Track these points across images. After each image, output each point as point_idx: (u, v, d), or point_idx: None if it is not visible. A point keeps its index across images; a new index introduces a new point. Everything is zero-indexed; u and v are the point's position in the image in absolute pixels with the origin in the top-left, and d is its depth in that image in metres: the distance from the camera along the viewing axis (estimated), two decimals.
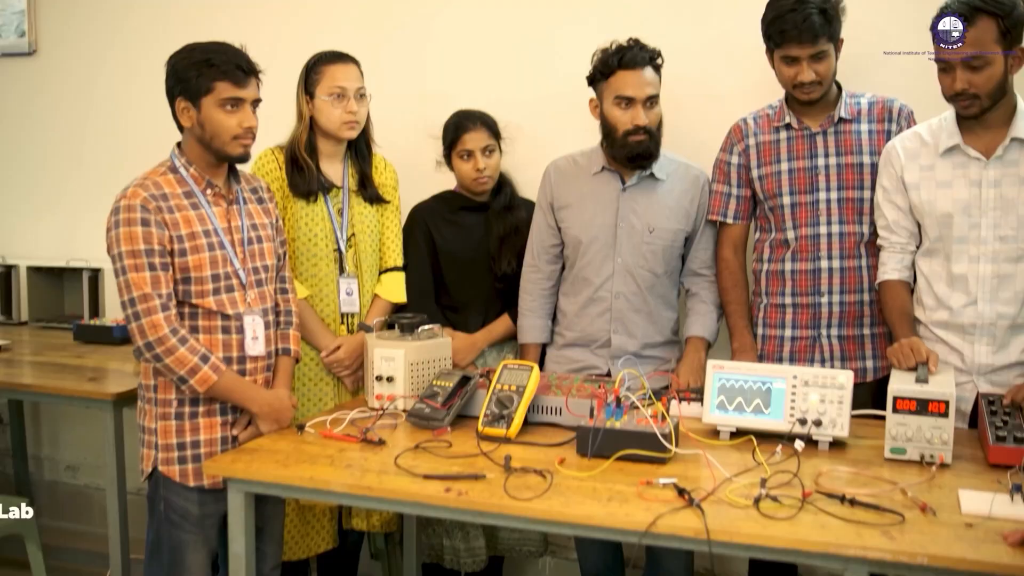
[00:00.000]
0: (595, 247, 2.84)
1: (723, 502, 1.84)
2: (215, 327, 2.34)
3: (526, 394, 2.30)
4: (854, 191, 2.65)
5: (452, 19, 3.50)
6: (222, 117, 2.29)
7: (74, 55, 4.20)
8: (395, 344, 2.54)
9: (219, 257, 2.33)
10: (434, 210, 3.08)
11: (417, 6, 3.54)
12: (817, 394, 2.20)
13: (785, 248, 2.73)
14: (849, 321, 2.68)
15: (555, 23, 3.34)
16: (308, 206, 2.81)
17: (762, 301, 2.80)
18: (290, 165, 2.81)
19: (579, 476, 1.99)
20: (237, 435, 2.38)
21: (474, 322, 3.04)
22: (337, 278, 2.84)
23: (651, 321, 2.85)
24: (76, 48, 4.19)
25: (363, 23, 3.59)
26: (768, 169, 2.74)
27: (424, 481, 1.97)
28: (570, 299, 2.92)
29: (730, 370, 2.29)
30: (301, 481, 2.02)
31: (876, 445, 2.21)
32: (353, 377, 2.85)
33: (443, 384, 2.42)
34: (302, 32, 3.61)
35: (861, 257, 2.67)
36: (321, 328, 2.82)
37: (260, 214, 2.48)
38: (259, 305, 2.42)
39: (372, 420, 2.39)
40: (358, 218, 2.88)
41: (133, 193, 2.25)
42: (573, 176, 2.92)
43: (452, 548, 3.04)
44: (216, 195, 2.37)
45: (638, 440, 2.07)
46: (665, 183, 2.84)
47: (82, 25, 4.17)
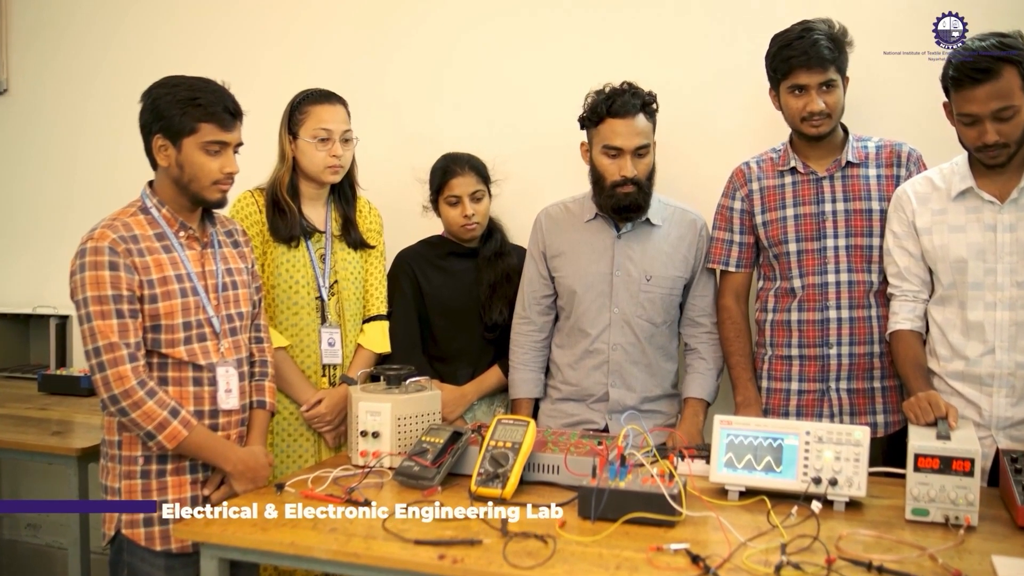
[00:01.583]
0: (590, 296, 2.71)
1: (741, 570, 1.70)
2: (186, 378, 2.18)
3: (522, 451, 2.15)
4: (863, 238, 2.55)
5: (440, 59, 3.41)
6: (204, 160, 2.16)
7: (46, 95, 4.09)
8: (381, 397, 2.39)
9: (191, 304, 2.18)
10: (421, 255, 2.95)
11: (404, 45, 3.45)
12: (832, 451, 2.07)
13: (791, 297, 2.61)
14: (859, 374, 2.56)
15: (546, 63, 3.25)
16: (289, 251, 2.67)
17: (766, 352, 2.67)
18: (271, 208, 2.67)
19: (583, 541, 1.83)
20: (209, 495, 2.21)
21: (463, 374, 2.90)
22: (319, 327, 2.70)
23: (650, 374, 2.72)
24: (48, 88, 4.09)
25: (348, 60, 3.50)
26: (773, 215, 2.63)
27: (415, 547, 1.81)
28: (564, 351, 2.79)
29: (738, 426, 2.15)
30: (281, 547, 1.85)
31: (894, 505, 2.09)
32: (335, 433, 2.69)
33: (433, 440, 2.27)
34: (285, 68, 3.52)
35: (871, 307, 2.55)
36: (301, 380, 2.66)
37: (235, 258, 2.34)
38: (233, 355, 2.26)
39: (357, 479, 2.22)
40: (341, 264, 2.74)
41: (101, 234, 2.10)
42: (565, 223, 2.80)
43: None
44: (190, 237, 2.23)
45: (645, 502, 1.92)
46: (661, 228, 2.73)
47: (55, 64, 4.07)
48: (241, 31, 3.69)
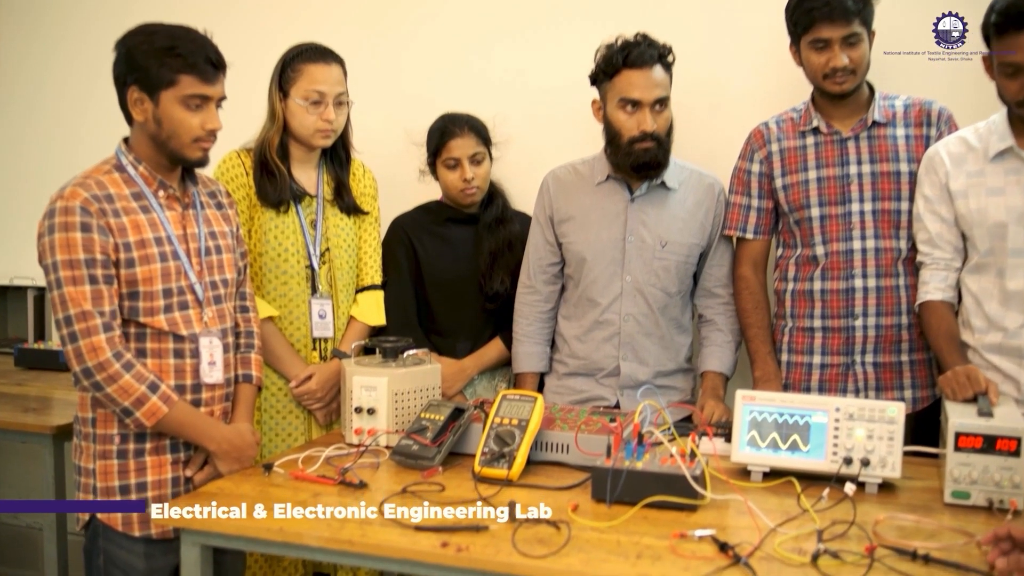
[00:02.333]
0: (601, 264, 2.55)
1: (773, 559, 1.55)
2: (166, 350, 2.01)
3: (529, 429, 2.00)
4: (890, 202, 2.39)
5: (438, 14, 3.22)
6: (183, 116, 1.98)
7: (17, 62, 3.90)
8: (377, 371, 2.23)
9: (172, 268, 2.01)
10: (418, 222, 2.78)
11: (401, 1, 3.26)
12: (864, 429, 1.92)
13: (813, 266, 2.45)
14: (886, 347, 2.41)
15: (552, 19, 3.06)
16: (278, 217, 2.50)
17: (787, 324, 2.52)
18: (259, 170, 2.49)
19: (598, 527, 1.68)
20: (191, 476, 2.05)
21: (462, 347, 2.74)
22: (309, 298, 2.52)
23: (664, 346, 2.56)
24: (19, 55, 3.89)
25: (343, 18, 3.30)
26: (794, 178, 2.47)
27: (416, 533, 1.65)
28: (572, 323, 2.63)
29: (762, 402, 2.00)
30: (269, 533, 1.69)
31: (930, 487, 1.96)
32: (326, 411, 2.53)
33: (432, 417, 2.11)
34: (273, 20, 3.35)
35: (899, 276, 2.40)
36: (290, 354, 2.50)
37: (219, 221, 2.17)
38: (217, 325, 2.10)
39: (351, 458, 2.07)
40: (333, 231, 2.57)
41: (72, 193, 1.93)
42: (574, 186, 2.63)
43: None
44: (169, 198, 2.06)
45: (665, 484, 1.77)
46: (677, 192, 2.56)
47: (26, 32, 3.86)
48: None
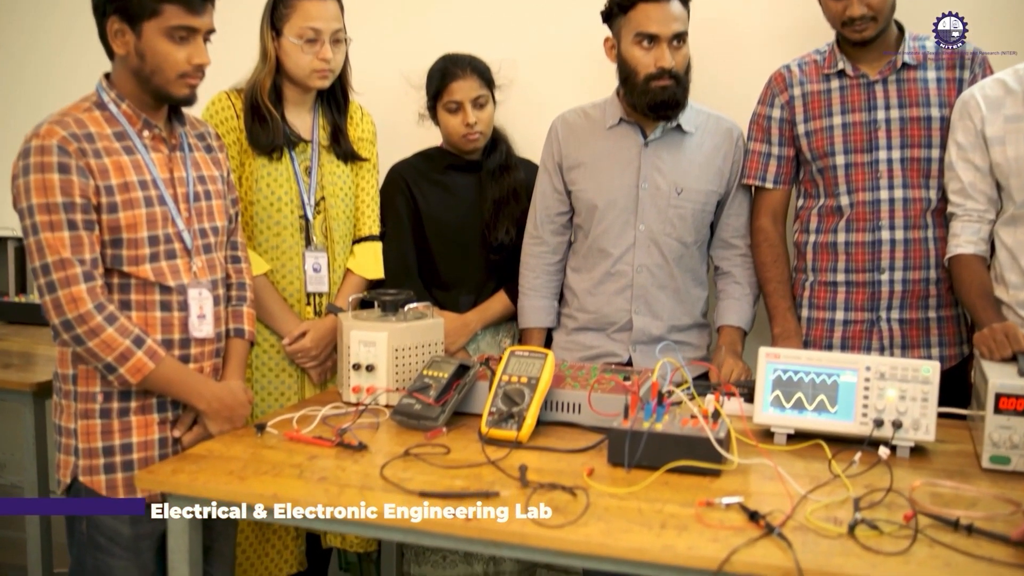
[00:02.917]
0: (613, 212, 2.42)
1: (806, 529, 1.44)
2: (152, 302, 1.87)
3: (539, 388, 1.88)
4: (920, 149, 2.25)
5: None
6: (168, 49, 1.83)
7: None
8: (376, 326, 2.10)
9: (158, 214, 1.87)
10: (417, 170, 2.64)
11: None
12: (896, 389, 1.80)
13: (837, 216, 2.32)
14: (913, 302, 2.29)
15: None
16: (270, 164, 2.35)
17: (807, 278, 2.39)
18: (250, 114, 2.34)
19: (617, 493, 1.57)
20: (179, 437, 1.93)
21: (465, 301, 2.61)
22: (303, 250, 2.38)
23: (679, 300, 2.44)
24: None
25: None
26: (818, 124, 2.33)
27: (420, 500, 1.53)
28: (582, 275, 2.50)
29: (787, 360, 1.88)
30: (262, 499, 1.57)
31: (963, 451, 1.85)
32: (321, 369, 2.40)
33: (436, 375, 1.99)
34: None
35: (927, 227, 2.27)
36: (283, 310, 2.36)
37: (208, 165, 2.03)
38: (207, 276, 1.96)
39: (350, 418, 1.95)
40: (329, 178, 2.42)
41: (48, 131, 1.78)
42: (585, 131, 2.49)
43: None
44: (155, 138, 1.91)
45: (688, 447, 1.65)
46: (694, 136, 2.42)
47: None
48: None
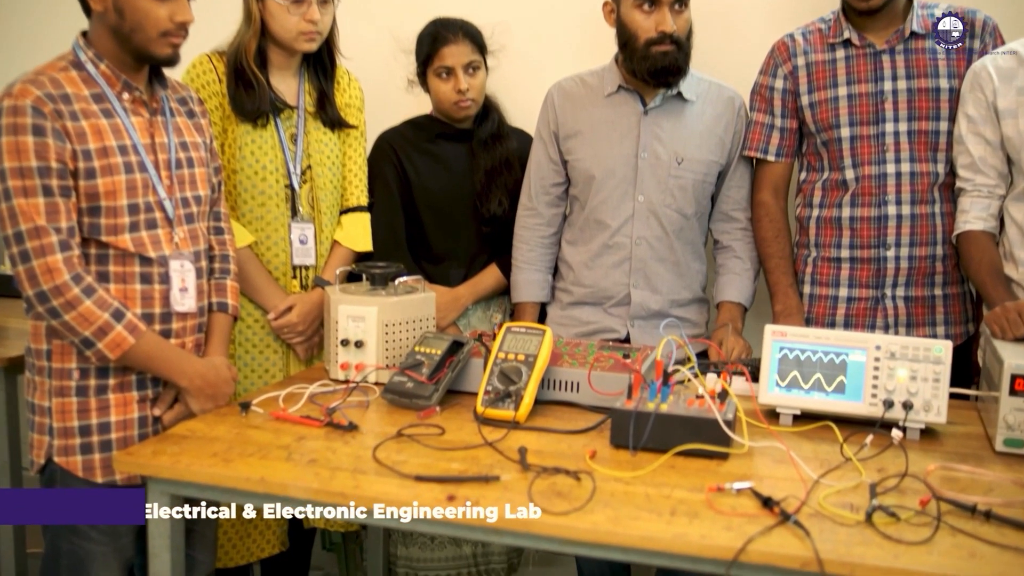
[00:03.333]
0: (611, 183, 2.34)
1: (822, 516, 1.37)
2: (131, 274, 1.78)
3: (537, 366, 1.80)
4: (928, 122, 2.18)
5: None
6: (149, 5, 1.73)
7: None
8: (365, 300, 2.02)
9: (139, 181, 1.77)
10: (406, 138, 2.54)
11: None
12: (906, 369, 1.74)
13: (842, 191, 2.25)
14: (918, 279, 2.23)
15: None
16: (255, 131, 2.24)
17: (810, 254, 2.33)
18: (233, 78, 2.22)
19: (622, 477, 1.50)
20: (160, 416, 1.84)
21: (455, 275, 2.53)
22: (288, 221, 2.28)
23: (678, 274, 2.37)
24: None
25: None
26: (822, 95, 2.25)
27: (417, 485, 1.46)
28: (578, 248, 2.42)
29: (794, 338, 1.82)
30: (249, 484, 1.49)
31: (973, 433, 1.80)
32: (307, 344, 2.31)
33: (428, 351, 1.91)
34: None
35: (934, 202, 2.20)
36: (268, 284, 2.26)
37: (191, 131, 1.93)
38: (189, 247, 1.87)
39: (340, 396, 1.87)
40: (315, 146, 2.32)
41: (22, 91, 1.67)
42: (582, 99, 2.40)
43: (407, 559, 2.49)
44: (135, 101, 1.81)
45: (695, 429, 1.58)
46: (695, 105, 2.34)
47: None
48: None
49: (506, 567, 2.56)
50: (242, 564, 2.28)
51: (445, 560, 2.47)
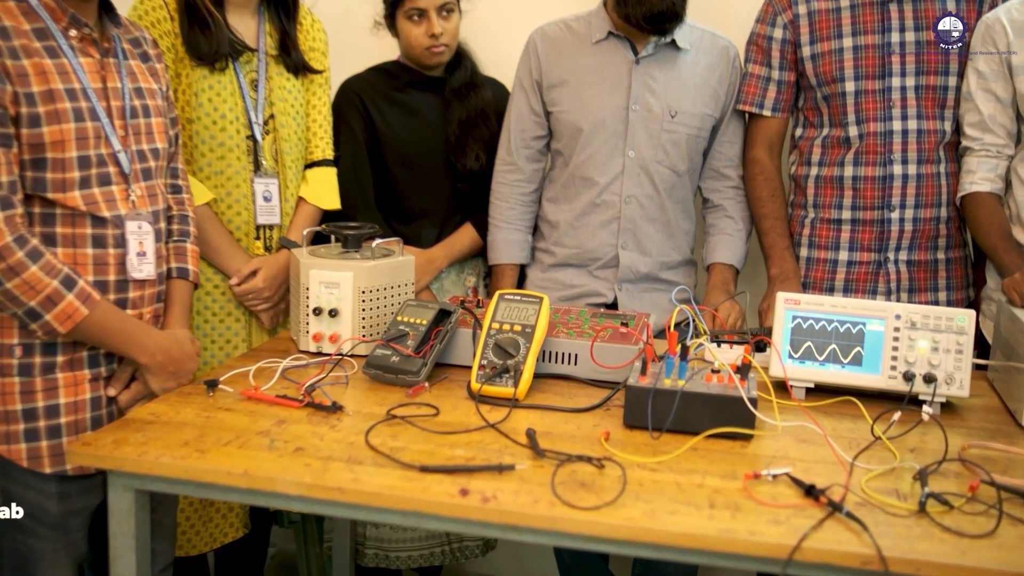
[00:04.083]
0: (600, 136, 2.18)
1: (871, 505, 1.26)
2: (82, 236, 1.56)
3: (536, 338, 1.65)
4: (936, 77, 2.07)
5: None
6: None
7: None
8: (339, 264, 1.84)
9: (89, 131, 1.55)
10: (374, 86, 2.34)
11: None
12: (928, 340, 1.64)
13: (844, 148, 2.13)
14: (922, 243, 2.13)
15: None
16: (212, 76, 2.01)
17: (807, 215, 2.21)
18: (187, 17, 1.98)
19: (645, 463, 1.36)
20: (115, 396, 1.65)
21: (428, 235, 2.35)
22: (251, 176, 2.07)
23: (668, 234, 2.23)
24: None
25: None
26: (826, 46, 2.12)
27: (423, 477, 1.30)
28: (562, 206, 2.26)
29: (808, 306, 1.70)
30: (231, 478, 1.31)
31: (991, 406, 1.72)
32: (273, 312, 2.11)
33: (412, 321, 1.74)
34: None
35: (940, 162, 2.10)
36: (230, 245, 2.06)
37: (146, 76, 1.70)
38: (147, 207, 1.66)
39: (315, 372, 1.70)
40: (278, 93, 2.10)
41: None
42: (568, 46, 2.23)
43: (377, 540, 2.33)
44: (84, 40, 1.58)
45: (719, 408, 1.45)
46: (688, 54, 2.19)
47: None
48: None
49: (481, 545, 2.43)
50: (204, 551, 2.09)
51: (418, 540, 2.32)
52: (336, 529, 2.30)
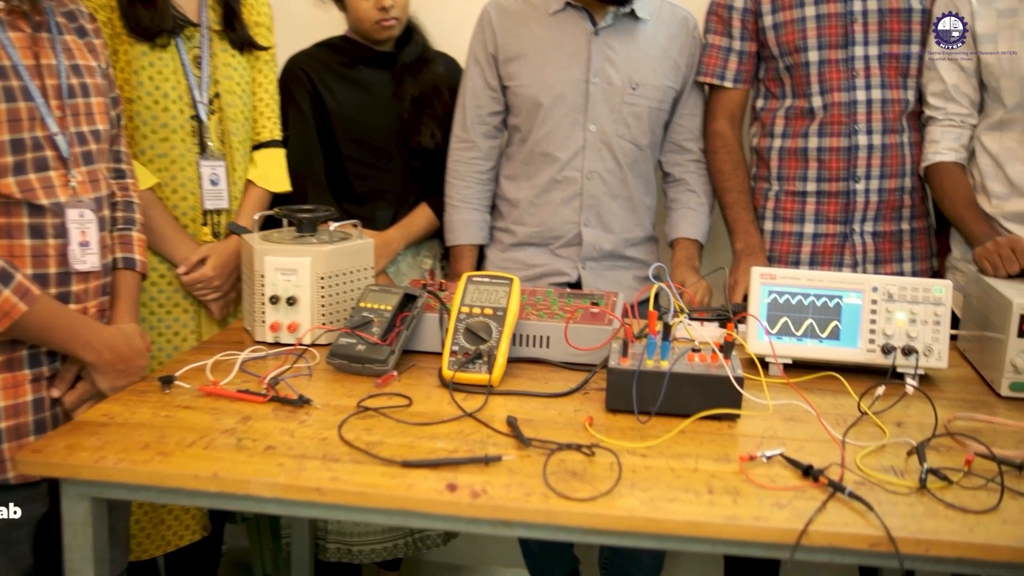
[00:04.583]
0: (560, 111, 2.11)
1: (870, 483, 1.23)
2: (18, 227, 1.45)
3: (508, 320, 1.59)
4: (899, 45, 2.05)
5: None
6: None
7: None
8: (295, 249, 1.74)
9: (23, 111, 1.42)
10: (321, 62, 2.23)
11: None
12: (905, 312, 1.62)
13: (808, 120, 2.10)
14: (887, 214, 2.11)
15: None
16: (152, 52, 1.88)
17: (770, 188, 2.18)
18: None
19: (634, 449, 1.31)
20: (59, 398, 1.53)
21: (382, 217, 2.26)
22: (197, 159, 1.95)
23: (631, 210, 2.18)
24: None
25: None
26: (788, 15, 2.08)
27: (407, 472, 1.22)
28: (521, 184, 2.19)
29: (784, 281, 1.66)
30: (199, 482, 1.21)
31: (966, 377, 1.71)
32: (223, 301, 2.01)
33: (376, 307, 1.66)
34: None
35: (904, 132, 2.08)
36: (176, 232, 1.94)
37: (83, 52, 1.58)
38: (89, 193, 1.54)
39: (277, 364, 1.60)
40: (223, 71, 1.98)
41: None
42: (524, 17, 2.15)
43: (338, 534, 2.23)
44: (12, 12, 1.45)
45: (706, 388, 1.41)
46: (648, 24, 2.13)
47: None
48: None
49: (443, 535, 2.36)
50: (156, 556, 1.98)
51: (381, 533, 2.24)
52: (295, 524, 2.21)
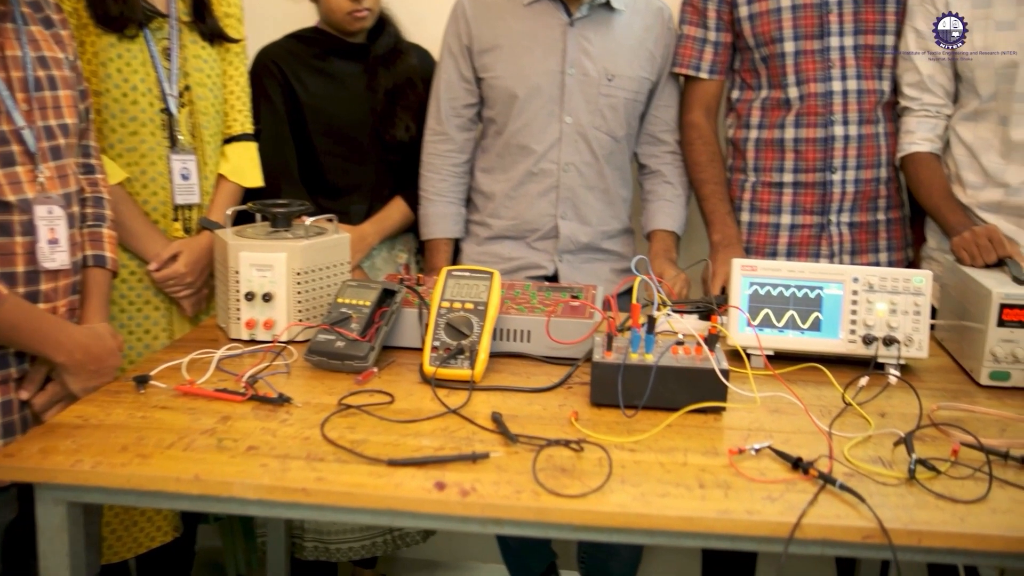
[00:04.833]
0: (536, 103, 2.09)
1: (859, 475, 1.23)
2: None
3: (489, 315, 1.57)
4: (874, 36, 2.05)
5: None
6: None
7: None
8: (270, 244, 1.71)
9: None
10: (293, 54, 2.20)
11: None
12: (886, 302, 1.63)
13: (784, 110, 2.09)
14: (863, 204, 2.11)
15: None
16: (120, 44, 1.84)
17: (747, 179, 2.17)
18: None
19: (622, 443, 1.30)
20: (28, 400, 1.49)
21: (357, 211, 2.23)
22: (167, 153, 1.91)
23: (607, 202, 2.17)
24: None
25: None
26: (763, 6, 2.07)
27: (393, 471, 1.20)
28: (497, 176, 2.17)
29: (765, 272, 1.66)
30: (180, 485, 1.18)
31: (945, 366, 1.72)
32: (196, 298, 1.97)
33: (355, 302, 1.63)
34: None
35: (879, 122, 2.09)
36: (147, 228, 1.90)
37: (50, 44, 1.54)
38: (58, 189, 1.50)
39: (255, 362, 1.57)
40: (193, 63, 1.94)
41: None
42: (499, 8, 2.13)
43: (316, 532, 2.21)
44: None
45: (692, 382, 1.40)
46: (623, 15, 2.12)
47: None
48: None
49: (422, 532, 2.34)
50: (127, 558, 1.94)
51: (359, 531, 2.21)
52: (270, 523, 2.17)
